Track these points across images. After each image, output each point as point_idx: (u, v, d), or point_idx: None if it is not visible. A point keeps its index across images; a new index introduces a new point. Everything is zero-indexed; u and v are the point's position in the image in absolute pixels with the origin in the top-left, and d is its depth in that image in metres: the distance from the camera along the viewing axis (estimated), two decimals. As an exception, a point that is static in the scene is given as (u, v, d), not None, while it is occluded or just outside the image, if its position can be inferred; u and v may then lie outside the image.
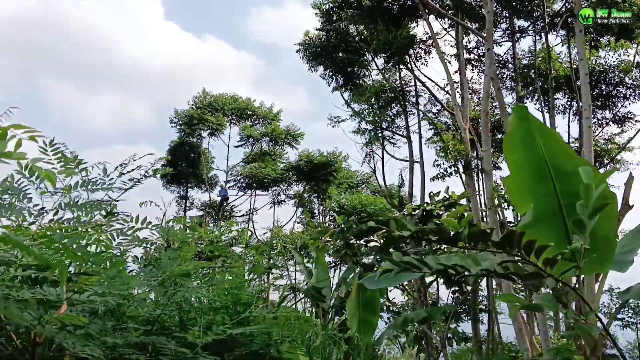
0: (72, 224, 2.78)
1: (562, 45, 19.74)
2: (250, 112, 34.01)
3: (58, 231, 2.34)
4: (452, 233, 2.68)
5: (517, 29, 18.79)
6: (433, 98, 18.69)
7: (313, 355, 6.82)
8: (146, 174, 2.96)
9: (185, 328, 3.22)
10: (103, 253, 2.51)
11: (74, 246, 2.20)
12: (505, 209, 12.29)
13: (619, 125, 20.15)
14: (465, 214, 11.98)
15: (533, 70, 18.74)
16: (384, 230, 2.89)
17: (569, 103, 19.95)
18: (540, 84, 18.32)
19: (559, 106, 19.87)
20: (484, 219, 12.98)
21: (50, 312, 2.17)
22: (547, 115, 18.29)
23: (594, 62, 18.18)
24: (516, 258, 2.69)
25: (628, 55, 18.89)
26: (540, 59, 18.83)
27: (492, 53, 10.37)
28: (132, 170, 3.01)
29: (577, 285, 2.91)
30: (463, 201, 12.97)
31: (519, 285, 17.28)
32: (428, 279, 19.10)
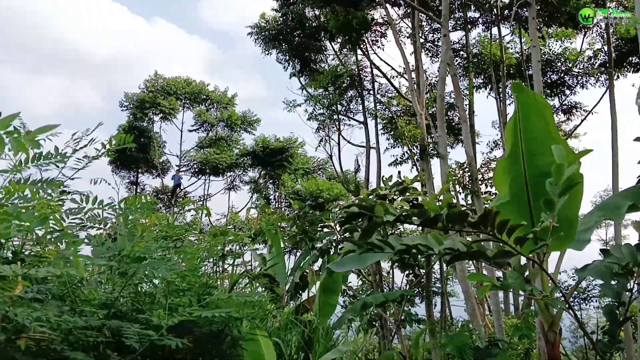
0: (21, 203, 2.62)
1: (512, 35, 20.25)
2: (204, 97, 33.39)
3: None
4: (432, 215, 2.68)
5: (469, 19, 19.11)
6: (388, 83, 18.80)
7: (272, 336, 6.80)
8: (103, 149, 2.81)
9: (142, 312, 3.11)
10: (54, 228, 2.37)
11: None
12: (460, 193, 12.57)
13: (566, 114, 20.90)
14: (420, 199, 12.17)
15: (484, 59, 19.15)
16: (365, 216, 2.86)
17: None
18: (491, 72, 18.74)
19: (510, 94, 20.38)
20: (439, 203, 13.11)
21: (4, 287, 2.03)
22: (500, 104, 18.74)
23: (541, 51, 18.69)
24: (485, 237, 2.72)
25: (571, 43, 19.60)
26: (485, 48, 19.29)
27: (448, 39, 10.48)
28: (85, 146, 2.86)
29: (542, 263, 2.97)
30: (417, 185, 13.19)
31: (470, 269, 17.74)
32: (385, 265, 19.35)
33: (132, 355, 2.39)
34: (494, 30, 18.98)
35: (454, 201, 13.14)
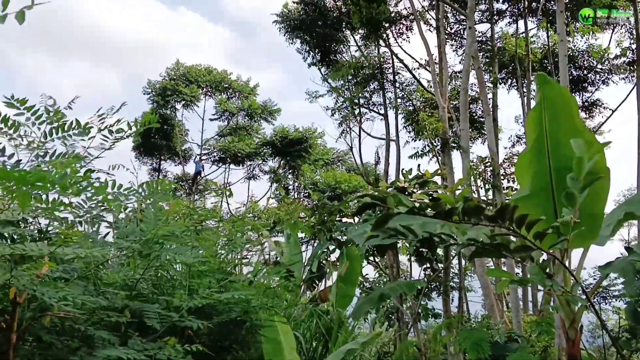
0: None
1: (538, 30, 19.89)
2: (226, 85, 33.47)
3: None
4: (447, 208, 2.66)
5: (495, 11, 18.82)
6: (410, 75, 18.66)
7: (294, 325, 6.84)
8: (129, 129, 2.82)
9: (163, 294, 3.15)
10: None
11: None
12: (481, 188, 12.45)
13: (587, 112, 20.52)
14: (440, 191, 12.06)
15: (508, 53, 18.86)
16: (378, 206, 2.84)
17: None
18: (515, 66, 18.46)
19: (534, 90, 20.05)
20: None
21: (30, 267, 2.07)
22: (524, 99, 18.49)
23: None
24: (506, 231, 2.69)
25: (596, 39, 19.19)
26: (509, 43, 18.97)
27: (473, 31, 10.35)
28: (112, 125, 2.88)
29: (563, 259, 2.92)
30: (437, 179, 13.08)
31: (489, 264, 17.60)
32: (403, 258, 19.29)
33: (153, 335, 2.43)
34: (520, 24, 18.69)
35: (474, 195, 13.05)
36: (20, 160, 2.46)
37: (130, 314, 2.68)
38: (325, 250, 12.63)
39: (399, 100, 19.23)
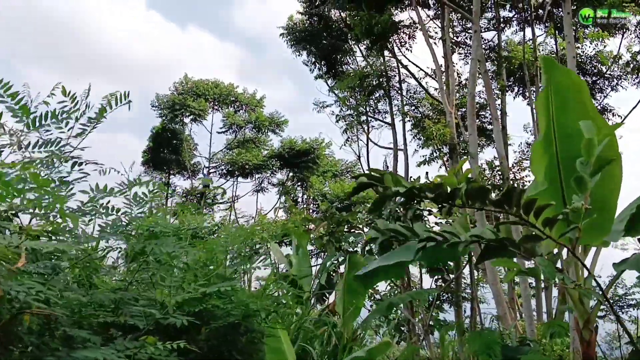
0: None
1: (546, 37, 19.75)
2: (232, 98, 33.59)
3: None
4: (449, 190, 2.48)
5: (502, 18, 18.72)
6: (416, 84, 18.56)
7: (299, 336, 6.66)
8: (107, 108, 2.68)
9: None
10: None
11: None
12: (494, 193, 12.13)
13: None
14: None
15: (515, 60, 18.71)
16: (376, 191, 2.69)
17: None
18: (523, 74, 18.29)
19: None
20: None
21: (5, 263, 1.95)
22: (533, 106, 18.26)
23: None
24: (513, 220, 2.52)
25: (605, 46, 18.97)
26: (516, 50, 18.82)
27: (479, 35, 10.22)
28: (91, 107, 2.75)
29: (575, 250, 2.74)
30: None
31: (501, 273, 17.27)
32: (414, 270, 19.01)
33: (136, 334, 2.28)
34: (527, 31, 18.55)
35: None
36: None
37: (116, 313, 2.55)
38: (335, 262, 12.44)
39: (406, 107, 19.12)
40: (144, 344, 2.05)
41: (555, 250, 3.00)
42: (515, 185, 10.66)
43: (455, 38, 18.34)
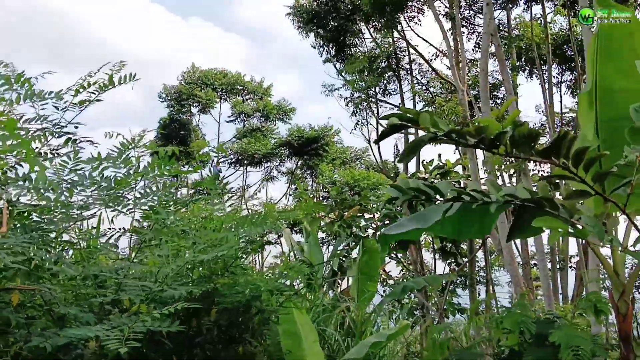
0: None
1: (555, 15, 19.26)
2: (240, 87, 33.39)
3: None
4: (494, 134, 2.18)
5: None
6: (426, 64, 18.19)
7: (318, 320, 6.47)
8: (105, 87, 2.50)
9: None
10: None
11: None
12: (505, 172, 11.87)
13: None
14: (462, 182, 11.57)
15: (525, 39, 18.26)
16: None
17: (560, 75, 19.60)
18: (534, 53, 17.84)
19: (555, 76, 19.43)
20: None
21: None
22: (545, 86, 17.85)
23: (580, 31, 17.53)
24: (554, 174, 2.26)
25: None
26: (526, 27, 18.37)
27: (491, 7, 9.87)
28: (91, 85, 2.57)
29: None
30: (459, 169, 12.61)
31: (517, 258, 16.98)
32: (427, 256, 18.79)
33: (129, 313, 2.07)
34: (536, 9, 18.08)
35: (498, 180, 12.53)
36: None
37: (116, 293, 2.34)
38: (346, 247, 12.24)
39: (416, 88, 18.77)
40: (138, 315, 1.84)
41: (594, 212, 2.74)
42: (532, 163, 10.34)
43: (462, 16, 17.89)
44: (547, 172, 12.29)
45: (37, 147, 2.62)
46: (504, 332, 3.52)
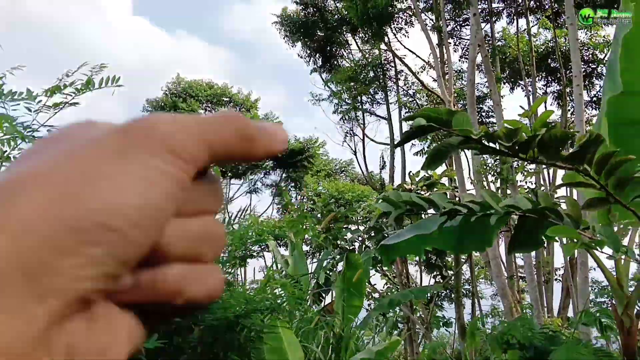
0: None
1: (539, 28, 19.44)
2: (226, 99, 33.16)
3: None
4: (526, 137, 2.01)
5: (493, 10, 18.38)
6: (412, 75, 18.19)
7: (300, 335, 6.27)
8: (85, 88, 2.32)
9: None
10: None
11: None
12: (492, 183, 11.79)
13: (597, 108, 19.91)
14: (448, 193, 11.48)
15: (510, 52, 18.41)
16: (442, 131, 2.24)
17: (545, 86, 19.77)
18: (517, 66, 17.97)
19: (539, 87, 19.58)
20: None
21: None
22: (530, 97, 17.96)
23: (565, 41, 17.66)
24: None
25: (597, 30, 18.60)
26: (506, 43, 18.54)
27: (478, 18, 9.84)
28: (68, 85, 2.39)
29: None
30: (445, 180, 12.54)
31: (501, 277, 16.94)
32: (412, 269, 18.64)
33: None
34: (521, 22, 18.23)
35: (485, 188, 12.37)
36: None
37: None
38: (332, 260, 12.05)
39: (403, 99, 18.76)
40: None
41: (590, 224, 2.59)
42: (520, 174, 10.31)
43: (447, 26, 17.98)
44: (534, 184, 12.28)
45: (5, 151, 2.45)
46: (504, 347, 3.38)
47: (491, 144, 2.09)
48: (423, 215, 2.79)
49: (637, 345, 3.11)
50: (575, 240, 2.21)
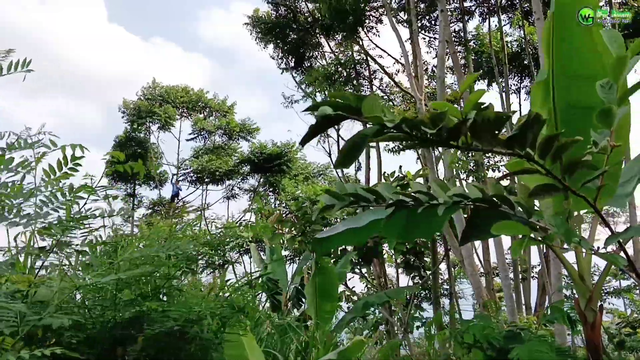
0: None
1: (511, 27, 19.60)
2: (202, 105, 32.74)
3: None
4: (455, 122, 1.80)
5: (465, 9, 18.44)
6: (387, 76, 18.12)
7: (267, 342, 6.05)
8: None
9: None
10: None
11: None
12: (464, 180, 11.72)
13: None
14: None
15: (483, 51, 18.49)
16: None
17: (519, 82, 19.95)
18: (490, 64, 18.05)
19: (510, 86, 19.74)
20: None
21: None
22: (503, 96, 18.02)
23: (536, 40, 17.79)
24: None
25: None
26: (483, 38, 18.62)
27: (446, 14, 9.75)
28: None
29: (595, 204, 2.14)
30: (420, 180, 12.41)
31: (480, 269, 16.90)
32: (391, 270, 18.51)
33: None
34: (491, 21, 18.31)
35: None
36: None
37: None
38: (309, 264, 11.82)
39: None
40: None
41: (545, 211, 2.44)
42: (490, 170, 10.17)
43: (418, 21, 17.98)
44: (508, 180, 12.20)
45: None
46: (465, 347, 3.21)
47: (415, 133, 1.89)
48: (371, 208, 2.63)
49: (600, 339, 2.97)
50: (521, 236, 2.05)
